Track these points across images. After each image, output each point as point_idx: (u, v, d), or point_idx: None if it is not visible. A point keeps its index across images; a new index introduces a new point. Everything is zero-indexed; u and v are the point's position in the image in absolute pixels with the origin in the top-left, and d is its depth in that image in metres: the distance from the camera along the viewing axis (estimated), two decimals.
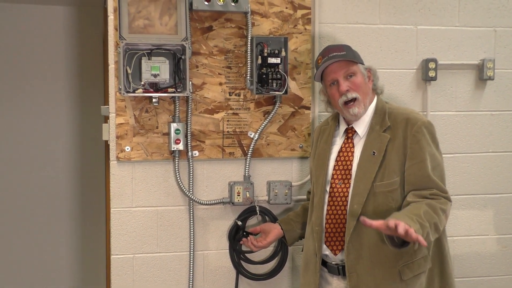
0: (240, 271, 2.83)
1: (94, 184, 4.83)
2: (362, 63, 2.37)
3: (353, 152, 2.32)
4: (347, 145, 2.35)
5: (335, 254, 2.30)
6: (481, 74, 3.02)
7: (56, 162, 4.83)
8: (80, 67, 4.85)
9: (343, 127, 2.40)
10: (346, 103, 2.30)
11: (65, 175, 4.86)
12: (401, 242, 2.04)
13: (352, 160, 2.31)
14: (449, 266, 2.33)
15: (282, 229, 2.60)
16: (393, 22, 2.97)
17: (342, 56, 2.30)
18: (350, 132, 2.36)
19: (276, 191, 2.81)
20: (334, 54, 2.31)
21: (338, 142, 2.40)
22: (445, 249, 2.32)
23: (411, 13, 2.98)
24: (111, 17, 2.67)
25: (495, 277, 3.13)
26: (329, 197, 2.33)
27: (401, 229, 1.90)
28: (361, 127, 2.34)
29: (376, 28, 2.95)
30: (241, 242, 2.77)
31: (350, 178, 2.29)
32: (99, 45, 4.54)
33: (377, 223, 1.99)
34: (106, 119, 2.83)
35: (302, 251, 2.54)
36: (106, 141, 2.82)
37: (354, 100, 2.29)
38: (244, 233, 2.78)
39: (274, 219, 2.83)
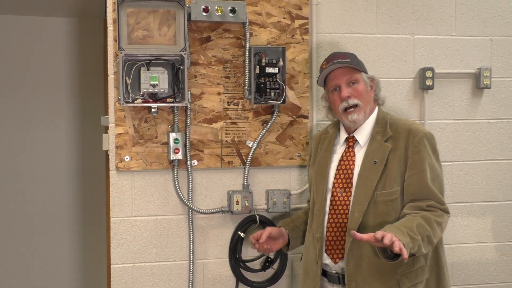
0: (240, 279, 2.84)
1: (96, 194, 4.84)
2: (366, 72, 2.39)
3: (354, 160, 2.33)
4: (348, 154, 2.35)
5: (335, 263, 2.31)
6: (478, 82, 3.04)
7: (57, 172, 4.84)
8: (81, 77, 4.88)
9: (343, 135, 2.41)
10: (346, 109, 2.31)
11: (67, 185, 4.88)
12: (394, 255, 2.05)
13: (353, 169, 2.31)
14: (445, 277, 2.33)
15: (289, 236, 2.50)
16: (390, 32, 2.99)
17: (347, 63, 2.32)
18: (351, 141, 2.37)
19: (275, 199, 2.82)
20: (339, 60, 2.33)
21: (339, 150, 2.41)
22: (441, 260, 2.32)
23: (408, 23, 3.00)
24: (110, 28, 2.70)
25: (494, 285, 3.13)
26: (330, 205, 2.33)
27: (386, 240, 1.92)
28: (362, 136, 2.35)
29: (373, 37, 2.98)
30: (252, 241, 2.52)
31: (351, 187, 2.29)
32: (99, 56, 4.57)
33: (367, 236, 2.00)
34: (106, 129, 2.85)
35: (301, 259, 2.54)
36: (107, 151, 2.84)
37: (354, 106, 2.30)
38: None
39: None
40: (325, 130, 2.55)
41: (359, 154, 2.33)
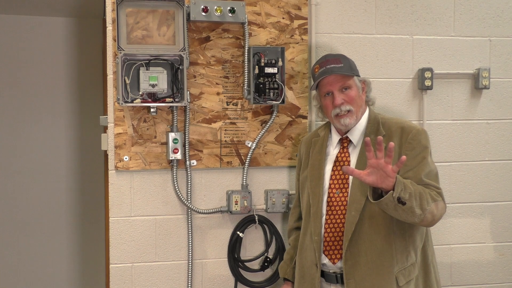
0: (239, 279, 2.85)
1: (95, 194, 4.84)
2: (358, 75, 2.38)
3: (349, 161, 2.33)
4: (342, 155, 2.36)
5: (334, 263, 2.31)
6: (477, 83, 3.05)
7: (56, 171, 4.85)
8: (80, 77, 4.88)
9: (336, 137, 2.42)
10: (338, 114, 2.32)
11: (65, 185, 4.88)
12: (381, 194, 2.06)
13: None
14: (432, 275, 2.34)
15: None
16: (389, 32, 3.00)
17: (340, 69, 2.31)
18: (345, 142, 2.38)
19: (274, 199, 2.82)
20: (332, 66, 2.32)
21: (332, 152, 2.41)
22: (428, 258, 2.33)
23: (407, 23, 3.01)
24: (109, 28, 2.70)
25: (493, 285, 3.13)
26: (327, 206, 2.34)
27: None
28: (356, 136, 2.36)
29: (372, 38, 2.98)
30: None
31: (348, 187, 2.30)
32: (98, 56, 4.57)
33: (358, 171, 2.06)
34: (105, 129, 2.85)
35: (294, 263, 2.53)
36: (105, 151, 2.83)
37: (347, 111, 2.31)
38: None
39: (273, 228, 2.86)
40: (315, 133, 2.55)
41: (354, 154, 2.34)
